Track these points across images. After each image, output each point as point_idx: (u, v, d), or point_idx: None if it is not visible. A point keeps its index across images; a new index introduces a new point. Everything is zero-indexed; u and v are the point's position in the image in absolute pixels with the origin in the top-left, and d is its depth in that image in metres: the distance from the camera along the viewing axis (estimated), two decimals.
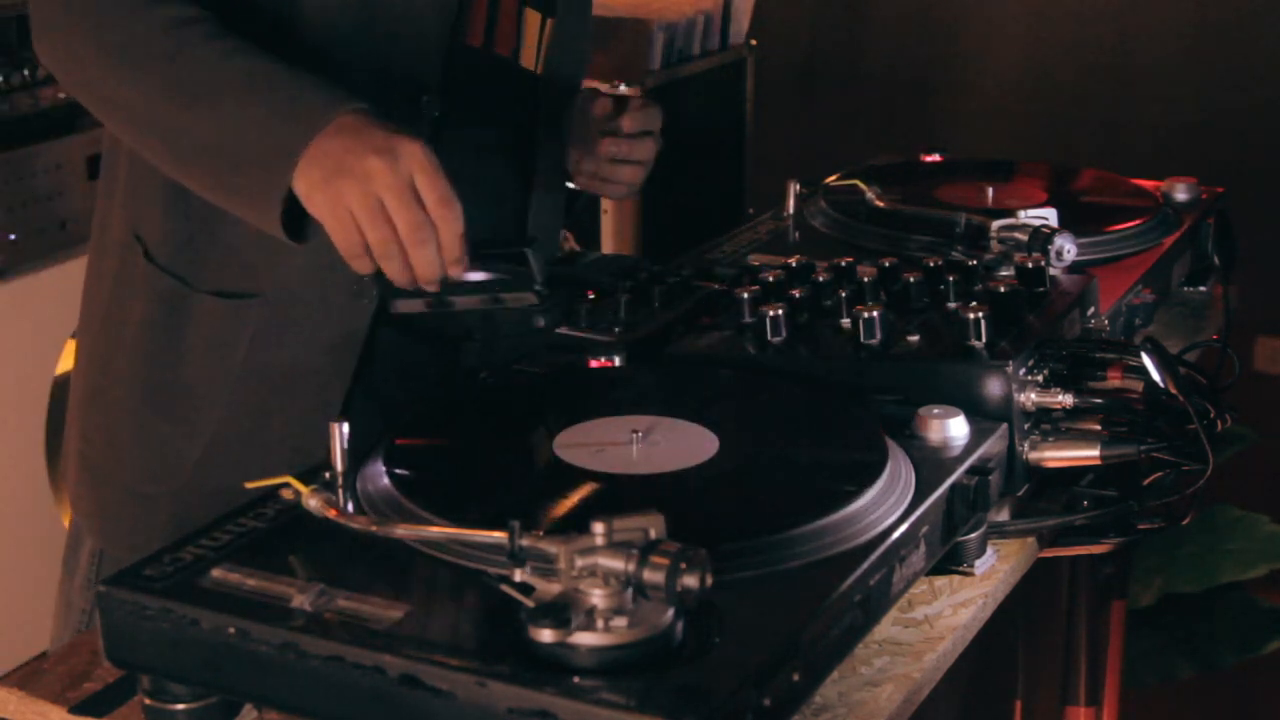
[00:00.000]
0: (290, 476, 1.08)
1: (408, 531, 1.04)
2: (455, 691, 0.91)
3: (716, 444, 1.18)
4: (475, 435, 1.25)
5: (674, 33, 2.52)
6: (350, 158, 1.25)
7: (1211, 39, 3.92)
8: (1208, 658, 2.63)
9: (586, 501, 1.10)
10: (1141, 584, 2.61)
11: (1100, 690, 2.10)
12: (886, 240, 1.69)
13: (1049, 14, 4.12)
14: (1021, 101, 4.16)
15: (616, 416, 1.23)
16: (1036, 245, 1.53)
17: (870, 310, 1.34)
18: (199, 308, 1.48)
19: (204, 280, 1.48)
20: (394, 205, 1.25)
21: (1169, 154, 3.67)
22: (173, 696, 1.03)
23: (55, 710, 1.07)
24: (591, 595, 0.92)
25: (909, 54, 4.30)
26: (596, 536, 0.92)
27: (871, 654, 1.12)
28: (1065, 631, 2.06)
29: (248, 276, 1.47)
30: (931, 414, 1.23)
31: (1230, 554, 2.62)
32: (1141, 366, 1.33)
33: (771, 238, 1.77)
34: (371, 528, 1.04)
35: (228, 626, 0.98)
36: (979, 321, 1.31)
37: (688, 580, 0.90)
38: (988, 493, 1.21)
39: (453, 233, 1.27)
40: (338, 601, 0.99)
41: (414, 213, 1.25)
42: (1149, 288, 1.68)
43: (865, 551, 1.06)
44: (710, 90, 2.63)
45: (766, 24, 2.95)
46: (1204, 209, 1.87)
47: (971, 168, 1.98)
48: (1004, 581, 1.25)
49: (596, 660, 0.91)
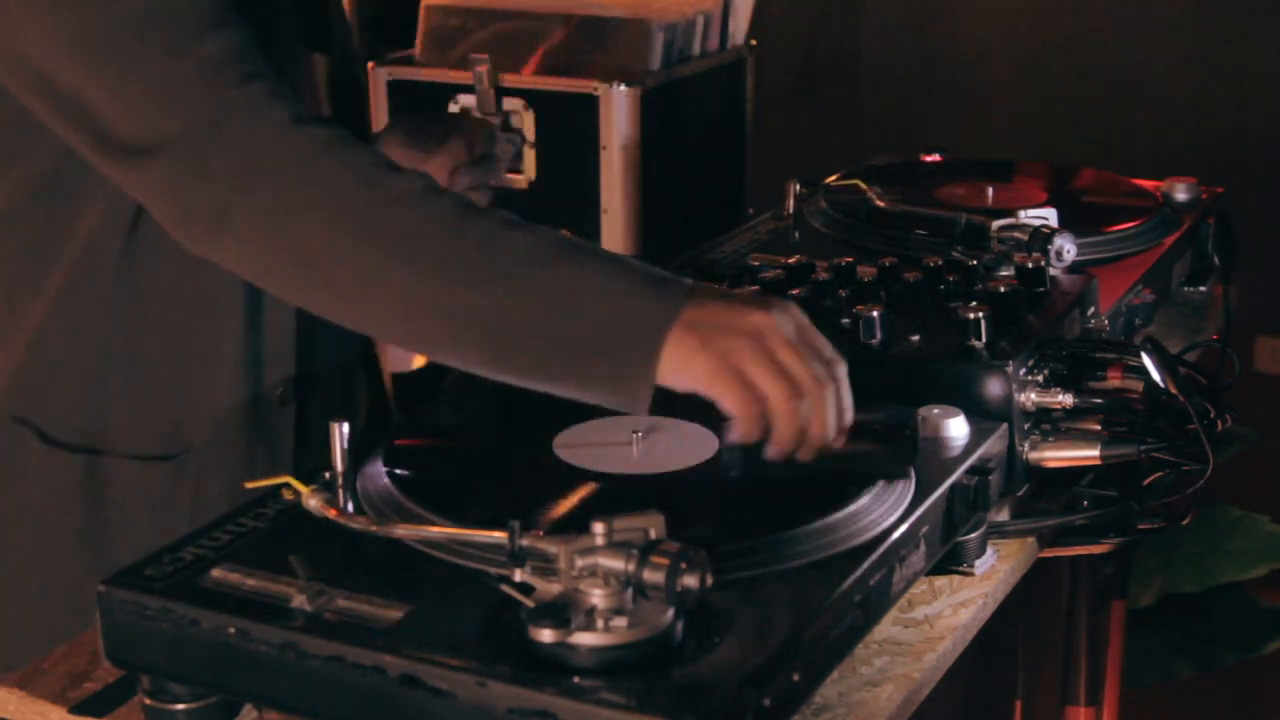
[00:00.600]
0: (290, 476, 1.08)
1: (408, 531, 1.05)
2: (455, 691, 0.91)
3: (716, 444, 1.18)
4: (475, 435, 1.25)
5: (674, 33, 2.52)
6: (732, 316, 1.13)
7: (1211, 39, 3.92)
8: (1208, 658, 2.62)
9: (586, 501, 1.10)
10: (1141, 584, 2.61)
11: (1100, 690, 2.10)
12: (886, 240, 1.69)
13: (1049, 14, 4.12)
14: (1021, 101, 4.15)
15: (616, 416, 1.23)
16: (1036, 245, 1.53)
17: (870, 310, 1.34)
18: (121, 478, 1.37)
19: (121, 445, 1.37)
20: (792, 360, 1.13)
21: (1169, 154, 3.66)
22: (173, 696, 1.03)
23: (55, 710, 1.07)
24: (591, 595, 0.92)
25: (909, 54, 4.30)
26: (596, 536, 0.92)
27: (871, 654, 1.12)
28: (1065, 631, 2.06)
29: (171, 436, 1.38)
30: (931, 414, 1.23)
31: (1230, 554, 2.62)
32: (1141, 366, 1.33)
33: (771, 238, 1.77)
34: (371, 528, 1.04)
35: (228, 626, 0.98)
36: (979, 321, 1.31)
37: (688, 580, 0.90)
38: (988, 493, 1.21)
39: (848, 390, 1.16)
40: (338, 601, 0.99)
41: (816, 366, 1.14)
42: (1149, 288, 1.68)
43: (865, 551, 1.06)
44: (710, 90, 2.63)
45: (766, 24, 2.95)
46: (1204, 209, 1.87)
47: (971, 168, 1.98)
48: (1004, 581, 1.25)
49: (596, 660, 0.91)
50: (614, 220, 2.41)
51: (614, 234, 2.41)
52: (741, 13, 2.63)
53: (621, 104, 2.39)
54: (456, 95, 2.50)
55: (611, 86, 2.39)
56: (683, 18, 2.51)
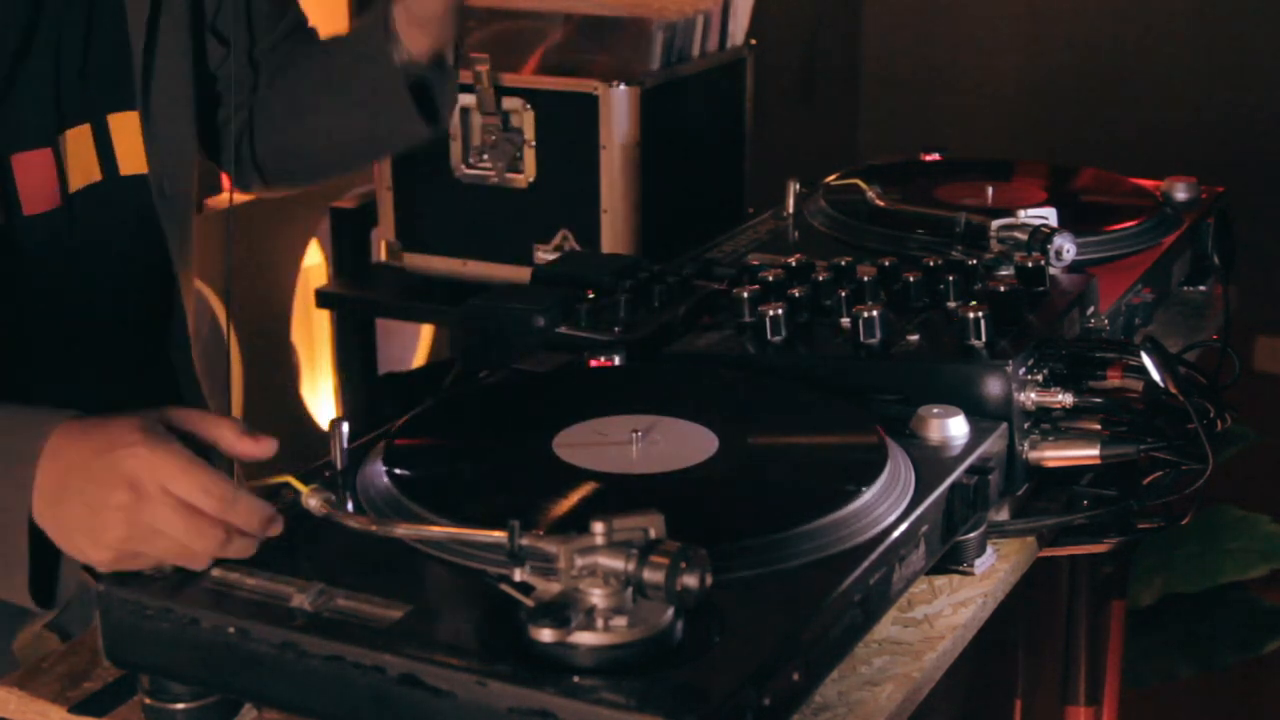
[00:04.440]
0: (290, 476, 1.08)
1: (408, 531, 1.04)
2: (455, 691, 0.91)
3: (716, 444, 1.18)
4: (475, 435, 1.25)
5: (674, 33, 2.52)
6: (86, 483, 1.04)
7: (1211, 39, 3.92)
8: (1208, 658, 2.62)
9: (586, 501, 1.10)
10: (1141, 584, 2.61)
11: (1100, 690, 2.10)
12: (886, 240, 1.69)
13: (1049, 14, 4.12)
14: (1021, 101, 4.16)
15: (616, 416, 1.23)
16: (1036, 245, 1.53)
17: (870, 310, 1.34)
18: None
19: None
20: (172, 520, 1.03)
21: (1169, 154, 3.66)
22: (173, 696, 1.03)
23: (55, 710, 1.07)
24: (591, 595, 0.92)
25: (909, 54, 4.30)
26: (596, 536, 0.92)
27: (871, 653, 1.12)
28: (1065, 631, 2.06)
29: None
30: (931, 414, 1.23)
31: (1230, 554, 2.62)
32: (1141, 366, 1.33)
33: (771, 237, 1.77)
34: (371, 528, 1.04)
35: (228, 626, 0.98)
36: (979, 321, 1.31)
37: (688, 580, 0.90)
38: (987, 492, 1.21)
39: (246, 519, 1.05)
40: (338, 601, 0.99)
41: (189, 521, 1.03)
42: (1149, 287, 1.68)
43: (865, 551, 1.06)
44: (710, 90, 2.63)
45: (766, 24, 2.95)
46: (1204, 209, 1.87)
47: (971, 168, 1.98)
48: (1004, 581, 1.25)
49: (596, 660, 0.91)
50: (614, 220, 2.41)
51: (614, 234, 2.41)
52: (741, 13, 2.63)
53: (621, 104, 2.39)
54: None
55: (611, 86, 2.39)
56: (683, 18, 2.52)
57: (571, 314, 1.44)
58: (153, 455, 1.03)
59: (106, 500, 1.03)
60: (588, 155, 2.41)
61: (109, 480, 1.03)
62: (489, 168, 2.48)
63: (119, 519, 1.03)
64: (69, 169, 1.40)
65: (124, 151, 1.44)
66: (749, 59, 2.67)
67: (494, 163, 2.47)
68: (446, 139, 2.50)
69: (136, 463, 1.03)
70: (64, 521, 1.06)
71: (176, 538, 1.03)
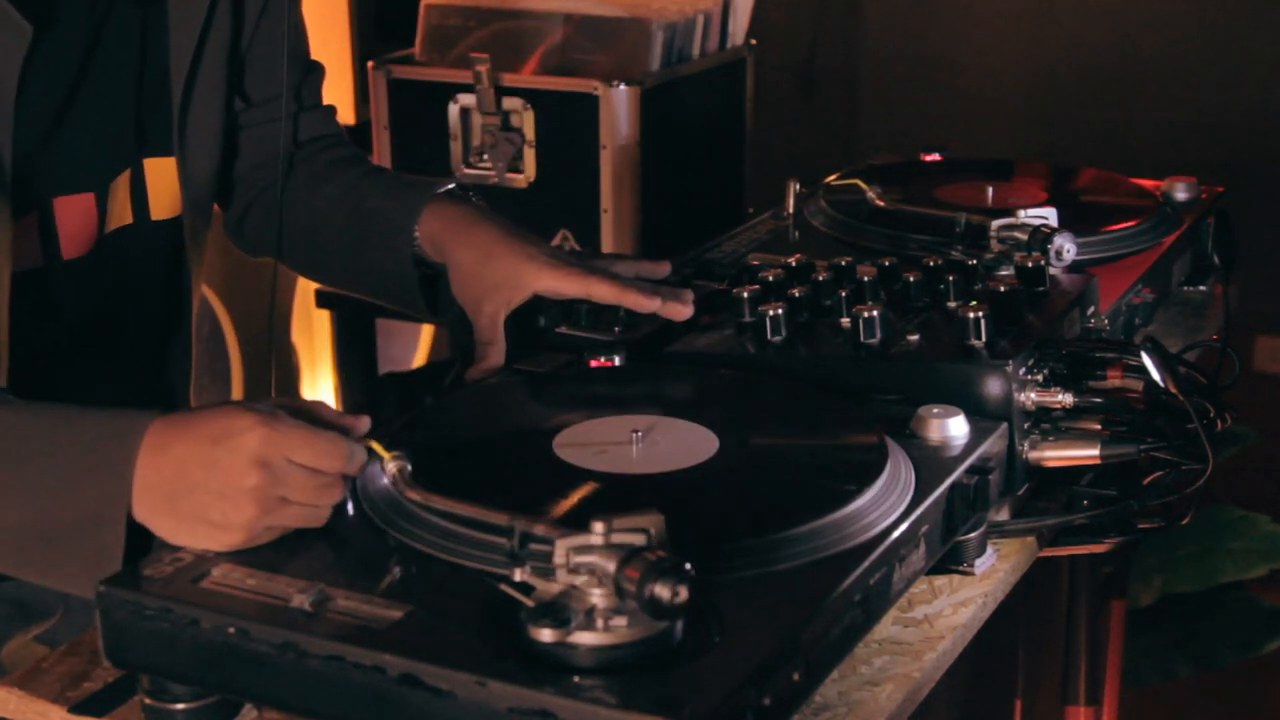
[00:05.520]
0: (373, 441, 1.11)
1: (445, 505, 1.06)
2: (455, 691, 0.91)
3: (716, 444, 1.18)
4: (475, 435, 1.25)
5: (674, 33, 2.52)
6: (187, 468, 1.08)
7: (1211, 39, 3.92)
8: (1208, 658, 2.63)
9: (586, 501, 1.10)
10: (1141, 584, 2.61)
11: (1100, 690, 2.10)
12: (886, 240, 1.69)
13: (1049, 13, 4.12)
14: (1021, 101, 4.16)
15: (616, 416, 1.23)
16: (1036, 245, 1.53)
17: (870, 310, 1.34)
18: None
19: None
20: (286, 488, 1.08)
21: (1169, 154, 3.67)
22: (173, 696, 1.03)
23: (55, 710, 1.07)
24: (591, 595, 0.92)
25: (909, 54, 4.30)
26: (595, 536, 0.92)
27: (871, 653, 1.12)
28: (1065, 631, 2.06)
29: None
30: (931, 414, 1.23)
31: (1230, 554, 2.62)
32: (1141, 366, 1.32)
33: (771, 237, 1.77)
34: (433, 499, 1.06)
35: (228, 626, 0.98)
36: (979, 321, 1.31)
37: (659, 589, 0.89)
38: (988, 492, 1.21)
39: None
40: (338, 601, 0.99)
41: (309, 489, 1.08)
42: (1149, 287, 1.68)
43: (865, 551, 1.06)
44: (710, 90, 2.63)
45: (766, 24, 2.95)
46: (1204, 209, 1.87)
47: (971, 168, 1.98)
48: (1004, 581, 1.25)
49: (596, 660, 0.91)
50: (614, 220, 2.41)
51: (614, 234, 2.42)
52: (741, 13, 2.63)
53: (621, 104, 2.39)
54: (456, 94, 2.51)
55: (611, 86, 2.39)
56: (683, 18, 2.52)
57: (571, 314, 1.44)
58: (273, 432, 1.07)
59: (240, 484, 1.06)
60: (588, 155, 2.41)
61: (235, 465, 1.06)
62: (489, 168, 2.48)
63: (252, 499, 1.06)
64: (109, 213, 1.40)
65: (156, 195, 1.45)
66: (749, 59, 2.67)
67: (494, 163, 2.47)
68: (447, 139, 2.51)
69: (259, 443, 1.06)
70: (185, 513, 1.08)
71: (307, 502, 1.08)
